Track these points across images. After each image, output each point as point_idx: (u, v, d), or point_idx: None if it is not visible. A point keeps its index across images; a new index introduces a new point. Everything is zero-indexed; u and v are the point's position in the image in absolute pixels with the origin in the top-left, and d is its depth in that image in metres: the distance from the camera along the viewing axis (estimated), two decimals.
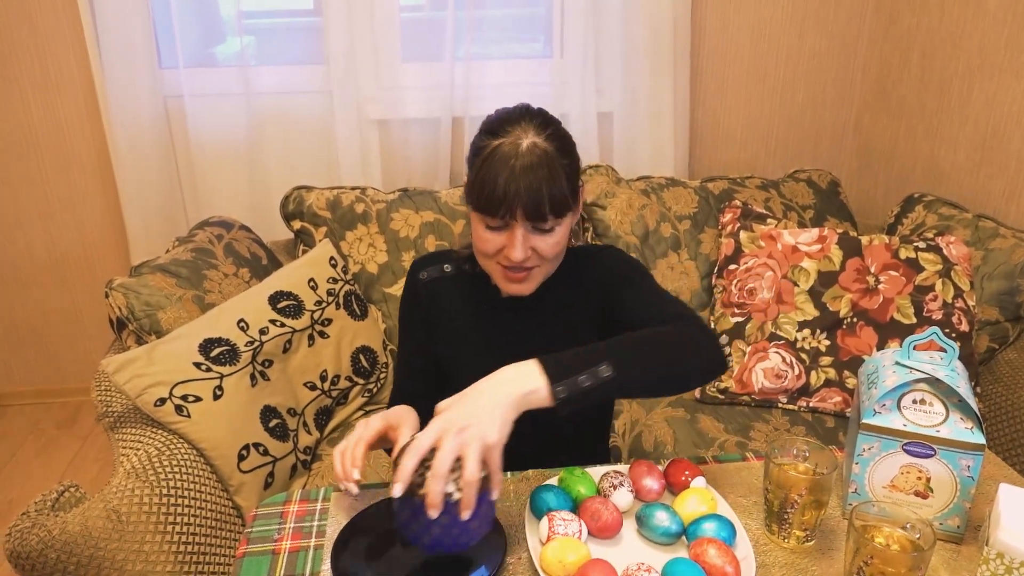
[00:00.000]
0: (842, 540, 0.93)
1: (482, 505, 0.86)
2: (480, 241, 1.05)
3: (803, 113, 2.48)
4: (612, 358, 0.89)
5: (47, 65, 2.25)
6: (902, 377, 0.92)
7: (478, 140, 1.06)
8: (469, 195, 1.04)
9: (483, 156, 1.02)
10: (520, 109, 1.06)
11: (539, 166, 0.99)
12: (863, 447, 0.92)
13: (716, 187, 2.03)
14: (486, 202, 1.00)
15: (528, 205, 0.99)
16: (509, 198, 0.98)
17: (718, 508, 0.94)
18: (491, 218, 1.01)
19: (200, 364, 1.40)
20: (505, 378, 0.87)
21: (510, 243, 1.02)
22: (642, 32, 2.22)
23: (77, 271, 2.49)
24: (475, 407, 0.84)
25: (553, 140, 1.03)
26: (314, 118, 2.31)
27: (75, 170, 2.37)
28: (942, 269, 1.70)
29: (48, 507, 1.15)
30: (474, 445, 0.80)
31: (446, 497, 0.82)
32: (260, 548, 0.93)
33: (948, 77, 2.06)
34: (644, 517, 0.92)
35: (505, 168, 0.98)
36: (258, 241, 1.89)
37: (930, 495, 0.91)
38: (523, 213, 1.00)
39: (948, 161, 2.09)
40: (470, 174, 1.05)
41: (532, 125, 1.03)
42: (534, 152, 1.00)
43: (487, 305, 1.19)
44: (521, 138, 1.01)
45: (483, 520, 0.87)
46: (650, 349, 0.93)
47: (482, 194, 1.00)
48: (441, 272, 1.23)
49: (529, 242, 1.03)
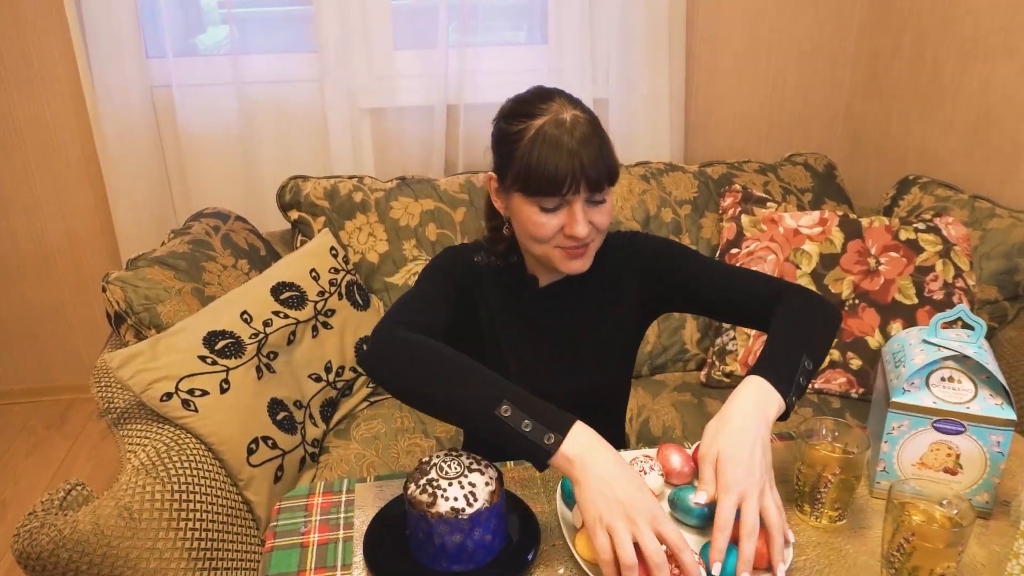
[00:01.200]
0: (872, 518, 0.93)
1: (498, 520, 0.85)
2: (535, 227, 1.01)
3: (795, 98, 2.49)
4: (805, 348, 0.94)
5: (30, 56, 2.19)
6: (930, 355, 0.92)
7: (508, 126, 1.02)
8: (517, 182, 1.00)
9: (529, 138, 0.98)
10: (542, 89, 1.04)
11: (592, 136, 0.97)
12: (893, 425, 0.93)
13: (715, 172, 2.03)
14: (548, 184, 0.97)
15: (591, 178, 0.97)
16: (575, 174, 0.96)
17: None
18: (550, 199, 0.98)
19: (205, 357, 1.38)
20: (753, 408, 0.87)
21: (571, 220, 0.99)
22: (637, 19, 2.21)
23: (64, 266, 2.44)
24: (751, 462, 0.83)
25: (586, 111, 1.01)
26: (306, 107, 2.27)
27: (60, 163, 2.32)
28: (942, 250, 1.72)
29: (56, 506, 1.13)
30: (769, 506, 0.82)
31: (457, 514, 0.81)
32: (288, 542, 0.92)
33: (941, 60, 2.08)
34: (677, 500, 0.91)
35: (562, 145, 0.96)
36: (255, 232, 1.85)
37: (959, 471, 0.92)
38: (587, 187, 0.97)
39: (941, 144, 2.10)
40: (515, 161, 1.00)
41: (564, 100, 1.01)
42: (581, 123, 0.98)
43: (523, 297, 1.16)
44: (561, 112, 0.99)
45: (499, 535, 0.86)
46: (814, 329, 0.99)
47: (542, 177, 0.97)
48: (488, 259, 1.17)
49: (587, 216, 1.00)
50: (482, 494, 0.83)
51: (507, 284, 1.16)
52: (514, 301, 1.15)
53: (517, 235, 1.09)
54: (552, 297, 1.15)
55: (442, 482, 0.83)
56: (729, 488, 0.81)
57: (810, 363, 0.94)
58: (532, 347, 1.15)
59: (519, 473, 1.04)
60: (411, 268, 1.84)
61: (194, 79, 2.19)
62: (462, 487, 0.83)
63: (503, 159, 1.03)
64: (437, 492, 0.82)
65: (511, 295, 1.16)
